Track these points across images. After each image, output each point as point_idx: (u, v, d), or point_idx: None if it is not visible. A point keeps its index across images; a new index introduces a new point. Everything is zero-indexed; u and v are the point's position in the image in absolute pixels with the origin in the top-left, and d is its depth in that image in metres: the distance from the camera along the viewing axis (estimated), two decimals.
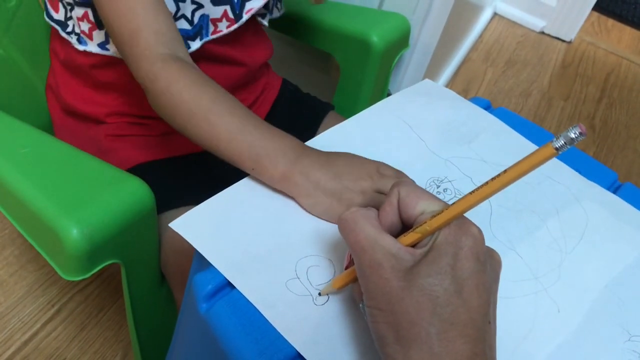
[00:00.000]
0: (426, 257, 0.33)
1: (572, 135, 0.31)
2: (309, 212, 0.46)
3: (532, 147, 0.64)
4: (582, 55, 1.73)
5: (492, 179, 0.34)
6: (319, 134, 0.73)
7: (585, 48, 1.76)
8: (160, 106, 0.51)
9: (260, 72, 0.73)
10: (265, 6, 0.67)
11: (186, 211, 0.45)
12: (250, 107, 0.72)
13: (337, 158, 0.48)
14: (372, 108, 0.62)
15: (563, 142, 0.31)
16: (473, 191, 0.35)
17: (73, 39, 0.61)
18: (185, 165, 0.66)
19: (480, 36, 1.65)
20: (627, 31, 1.93)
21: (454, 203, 0.35)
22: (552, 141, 0.31)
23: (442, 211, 0.35)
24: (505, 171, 0.34)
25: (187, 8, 0.59)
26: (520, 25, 1.75)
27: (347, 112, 0.87)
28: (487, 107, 0.68)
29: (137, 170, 0.62)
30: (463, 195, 0.46)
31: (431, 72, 1.14)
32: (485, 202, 0.56)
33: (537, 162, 0.33)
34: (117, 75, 0.61)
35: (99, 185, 0.51)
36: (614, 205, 0.60)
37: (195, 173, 0.65)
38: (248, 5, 0.63)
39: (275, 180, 0.46)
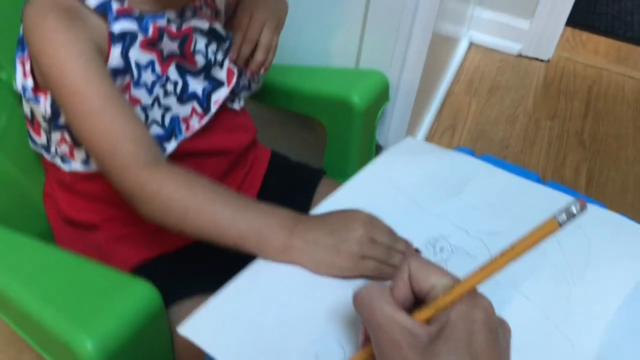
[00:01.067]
0: (442, 334, 0.35)
1: (574, 211, 0.34)
2: (316, 273, 0.49)
3: (519, 182, 0.65)
4: (562, 72, 1.76)
5: (500, 254, 0.38)
6: (314, 202, 0.75)
7: (564, 64, 1.80)
8: (152, 210, 0.52)
9: (247, 151, 0.75)
10: (233, 91, 0.69)
11: (192, 302, 0.46)
12: (240, 186, 0.73)
13: (331, 216, 0.51)
14: (361, 174, 0.64)
15: (566, 217, 0.35)
16: (482, 267, 0.38)
17: (57, 161, 0.63)
18: (186, 256, 0.67)
19: (460, 68, 1.69)
20: (602, 42, 1.97)
21: (464, 279, 0.38)
22: (555, 216, 0.35)
23: (454, 286, 0.38)
24: (512, 247, 0.37)
25: (156, 113, 0.61)
26: (498, 51, 1.79)
27: (339, 171, 0.89)
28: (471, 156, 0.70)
29: (140, 268, 0.64)
30: (461, 252, 0.48)
31: (416, 115, 1.17)
32: (484, 248, 0.57)
33: (541, 237, 0.37)
34: (104, 186, 0.63)
35: (106, 293, 0.52)
36: (615, 222, 0.61)
37: (197, 262, 0.66)
38: (214, 97, 0.65)
39: (278, 252, 0.49)
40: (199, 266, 0.65)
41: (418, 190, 0.62)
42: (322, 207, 0.58)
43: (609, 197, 1.36)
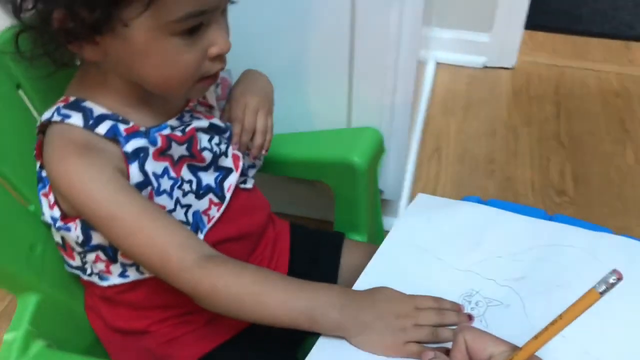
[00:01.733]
0: None
1: (612, 280, 0.40)
2: (359, 348, 0.54)
3: (529, 222, 0.70)
4: (527, 77, 1.84)
5: (550, 324, 0.43)
6: (341, 267, 0.79)
7: (528, 69, 1.88)
8: (212, 304, 0.57)
9: (266, 227, 0.79)
10: (241, 174, 0.73)
11: None
12: (269, 264, 0.77)
13: (379, 298, 0.56)
14: (387, 242, 0.68)
15: (605, 287, 0.40)
16: (536, 336, 0.43)
17: (95, 279, 0.67)
18: (243, 342, 0.70)
19: (432, 90, 1.75)
20: (558, 39, 2.05)
21: (521, 347, 0.43)
22: (594, 287, 0.41)
23: (514, 356, 0.43)
24: (560, 317, 0.43)
25: (180, 214, 0.65)
26: (464, 67, 1.86)
27: (350, 226, 0.94)
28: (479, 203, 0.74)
29: None
30: (495, 303, 0.54)
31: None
32: (515, 295, 0.62)
33: (586, 307, 0.42)
34: (144, 294, 0.67)
35: None
36: (628, 247, 0.66)
37: (255, 345, 0.69)
38: (226, 185, 0.69)
39: (330, 330, 0.54)
40: (258, 347, 0.69)
41: (442, 249, 0.67)
42: (361, 281, 0.62)
43: (596, 192, 1.42)
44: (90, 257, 0.65)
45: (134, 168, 0.59)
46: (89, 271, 0.67)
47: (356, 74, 0.94)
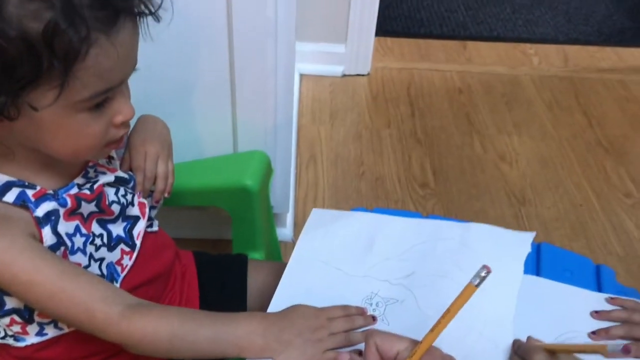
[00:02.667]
0: None
1: (483, 274, 0.51)
2: None
3: (409, 223, 0.81)
4: (382, 82, 2.01)
5: (442, 317, 0.54)
6: (249, 287, 0.86)
7: (381, 74, 2.05)
8: (142, 351, 0.61)
9: (174, 264, 0.82)
10: (148, 217, 0.76)
11: None
12: (181, 300, 0.81)
13: (295, 316, 0.64)
14: (292, 262, 0.76)
15: (479, 281, 0.51)
16: (432, 329, 0.54)
17: (10, 341, 0.67)
18: None
19: (300, 101, 1.85)
20: (404, 43, 2.25)
21: (420, 341, 0.54)
22: (471, 281, 0.52)
23: (416, 349, 0.53)
24: (447, 311, 0.54)
25: (94, 268, 0.67)
26: (325, 77, 1.99)
27: (248, 245, 1.00)
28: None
29: None
30: (392, 301, 0.65)
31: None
32: (407, 291, 0.72)
33: (466, 298, 0.53)
34: (64, 348, 0.68)
35: None
36: (491, 233, 0.80)
37: None
38: (135, 233, 0.72)
39: (257, 354, 0.61)
40: None
41: (341, 259, 0.76)
42: (274, 303, 0.69)
43: (453, 181, 1.61)
44: (4, 320, 0.64)
45: (46, 231, 0.60)
46: (2, 334, 0.67)
47: (239, 101, 1.00)
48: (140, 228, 0.73)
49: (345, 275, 0.74)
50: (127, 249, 0.71)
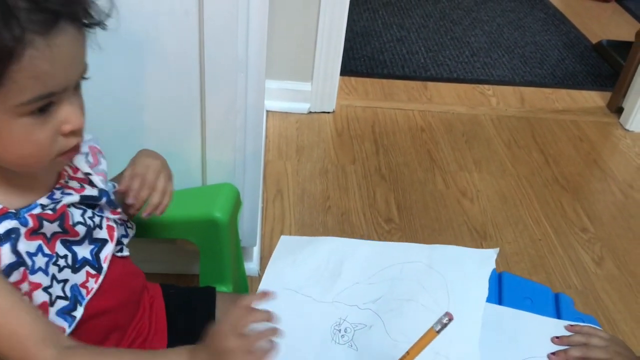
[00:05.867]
0: None
1: (445, 321, 0.53)
2: None
3: (376, 246, 0.84)
4: (347, 119, 2.06)
5: (401, 358, 0.56)
6: (218, 318, 0.86)
7: (346, 112, 2.10)
8: None
9: (142, 293, 0.82)
10: (117, 242, 0.76)
11: None
12: (149, 331, 0.81)
13: (213, 340, 0.61)
14: (261, 288, 0.77)
15: (440, 327, 0.53)
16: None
17: None
18: None
19: (267, 137, 1.88)
20: (368, 83, 2.32)
21: None
22: (433, 327, 0.53)
23: None
24: (408, 352, 0.56)
25: (57, 289, 0.67)
26: (291, 113, 2.03)
27: (216, 277, 1.01)
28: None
29: None
30: (360, 326, 0.66)
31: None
32: (375, 316, 0.74)
33: (427, 342, 0.55)
34: None
35: None
36: (455, 255, 0.82)
37: None
38: (102, 256, 0.72)
39: None
40: None
41: (309, 286, 0.78)
42: None
43: (416, 216, 1.65)
44: None
45: (5, 249, 0.60)
46: None
47: (208, 135, 1.02)
48: (107, 252, 0.72)
49: (313, 302, 0.76)
50: (92, 272, 0.70)
